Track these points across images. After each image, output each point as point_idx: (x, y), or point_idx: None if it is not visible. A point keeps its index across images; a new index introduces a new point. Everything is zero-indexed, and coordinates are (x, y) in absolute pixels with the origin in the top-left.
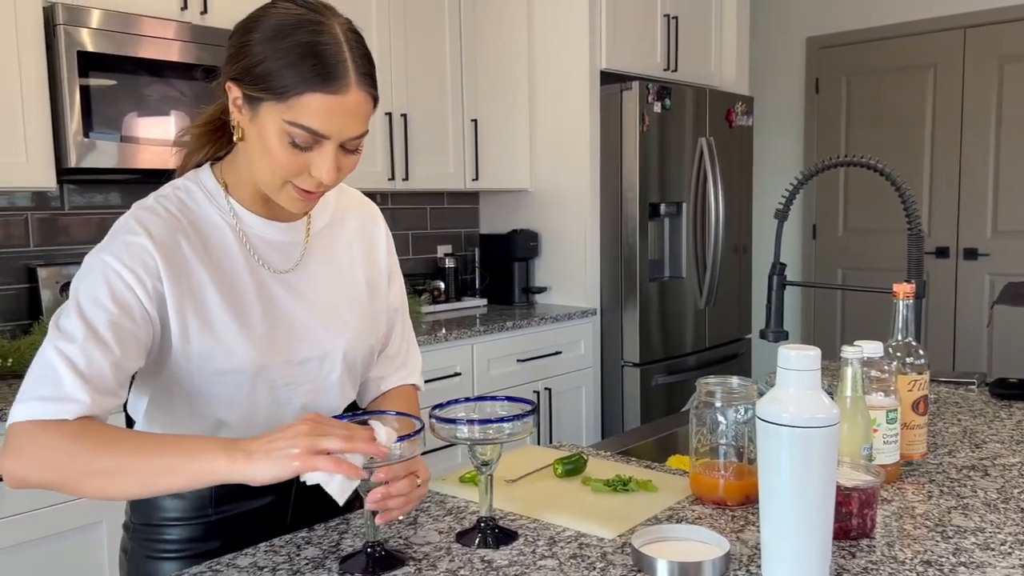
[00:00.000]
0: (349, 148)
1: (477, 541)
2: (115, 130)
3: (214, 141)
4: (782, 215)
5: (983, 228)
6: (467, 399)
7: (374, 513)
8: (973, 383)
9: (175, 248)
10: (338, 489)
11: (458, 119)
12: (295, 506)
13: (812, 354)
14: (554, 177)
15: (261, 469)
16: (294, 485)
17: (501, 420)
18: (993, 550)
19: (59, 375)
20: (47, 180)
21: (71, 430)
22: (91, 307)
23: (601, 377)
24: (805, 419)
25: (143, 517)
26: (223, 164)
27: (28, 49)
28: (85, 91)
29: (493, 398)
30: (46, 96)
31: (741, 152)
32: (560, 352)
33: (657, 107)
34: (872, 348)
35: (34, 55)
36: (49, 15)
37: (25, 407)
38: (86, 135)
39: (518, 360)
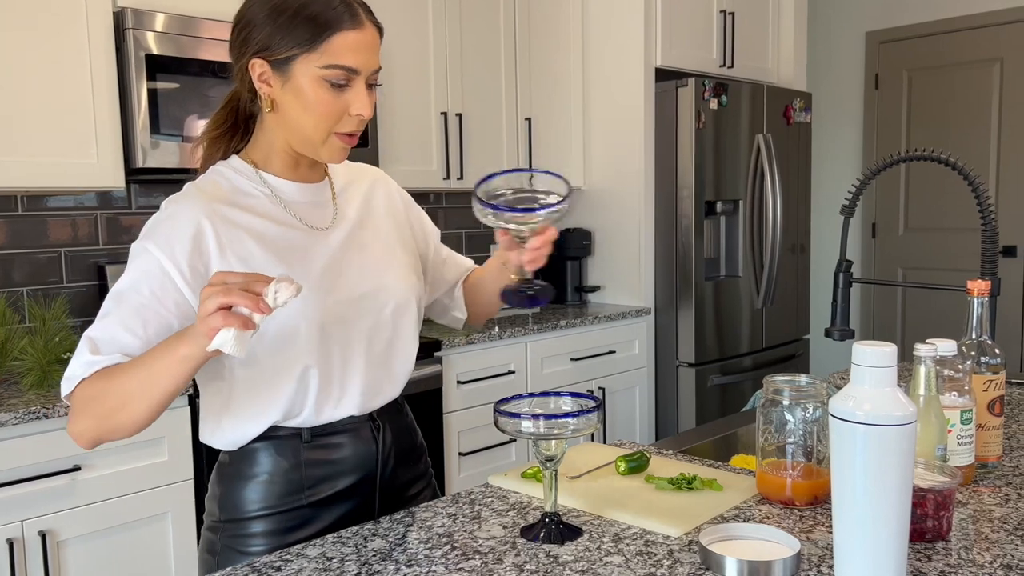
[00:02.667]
0: (371, 83)
1: (542, 536)
2: (178, 130)
3: (228, 140)
4: (848, 211)
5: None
6: (531, 394)
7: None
8: None
9: (211, 214)
10: (233, 344)
11: (512, 118)
12: (382, 506)
13: (888, 350)
14: (608, 175)
15: (199, 338)
16: (377, 483)
17: (566, 415)
18: None
19: (83, 351)
20: (116, 180)
21: (87, 382)
22: (126, 293)
23: (655, 377)
24: (881, 417)
25: (232, 513)
26: (247, 149)
27: (99, 53)
28: (152, 93)
29: (557, 394)
30: (116, 99)
31: (799, 149)
32: (614, 351)
33: (713, 104)
34: (945, 346)
35: (104, 59)
36: (119, 20)
37: (63, 383)
38: (152, 136)
39: (571, 359)
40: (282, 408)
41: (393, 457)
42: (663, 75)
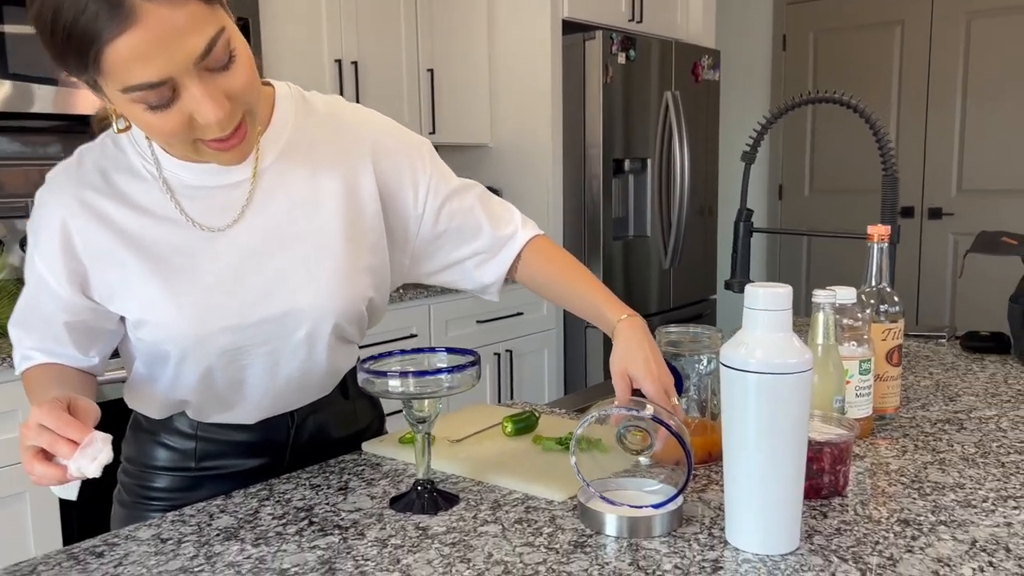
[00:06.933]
0: (214, 66)
1: (414, 506)
2: (34, 71)
3: None
4: (749, 157)
5: (948, 187)
6: (403, 351)
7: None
8: (943, 336)
9: (80, 210)
10: (59, 490)
11: (413, 68)
12: (289, 471)
13: (783, 292)
14: (515, 131)
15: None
16: (288, 449)
17: (438, 372)
18: (975, 507)
19: (17, 344)
20: None
21: (25, 374)
22: (31, 303)
23: (564, 338)
24: (775, 364)
25: (138, 460)
26: None
27: None
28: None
29: (432, 350)
30: None
31: (708, 107)
32: (521, 313)
33: (621, 58)
34: (845, 294)
35: None
36: None
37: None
38: (8, 79)
39: (478, 321)
40: (164, 414)
41: (315, 447)
42: (570, 28)
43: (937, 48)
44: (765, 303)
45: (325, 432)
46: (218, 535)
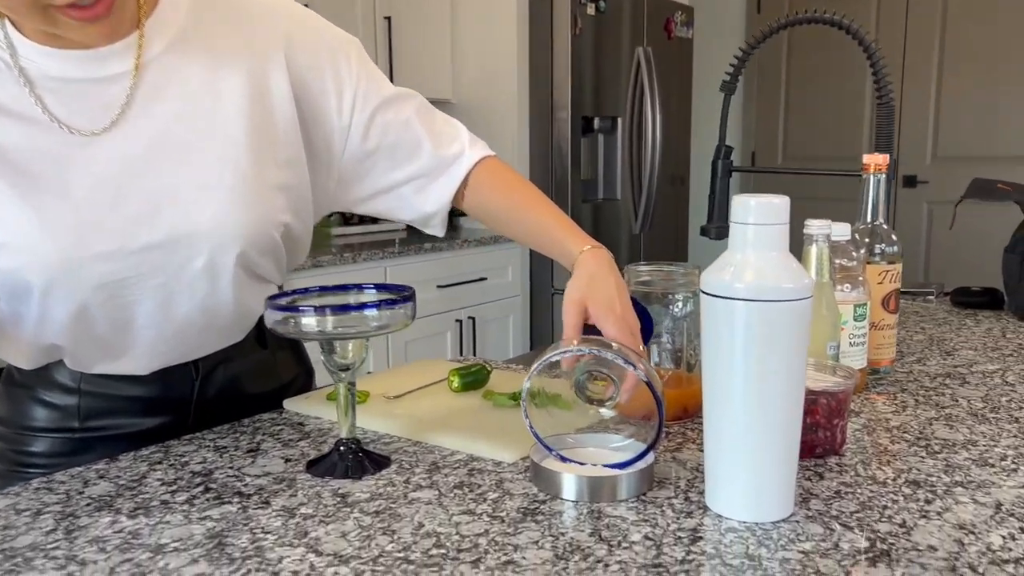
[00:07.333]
0: None
1: (334, 470)
2: None
3: None
4: (729, 87)
5: (923, 154)
6: (323, 288)
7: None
8: (931, 293)
9: None
10: None
11: (368, 15)
12: (196, 432)
13: (778, 202)
14: (479, 86)
15: None
16: (192, 406)
17: (363, 307)
18: (993, 466)
19: None
20: None
21: None
22: None
23: (530, 305)
24: (767, 290)
25: (12, 421)
26: None
27: None
28: None
29: (359, 287)
30: None
31: (680, 66)
32: (485, 278)
33: (591, 9)
34: (839, 230)
35: None
36: None
37: None
38: None
39: (438, 286)
40: (36, 364)
41: (227, 404)
42: None
43: (914, 12)
44: (757, 216)
45: (238, 387)
46: (88, 505)
